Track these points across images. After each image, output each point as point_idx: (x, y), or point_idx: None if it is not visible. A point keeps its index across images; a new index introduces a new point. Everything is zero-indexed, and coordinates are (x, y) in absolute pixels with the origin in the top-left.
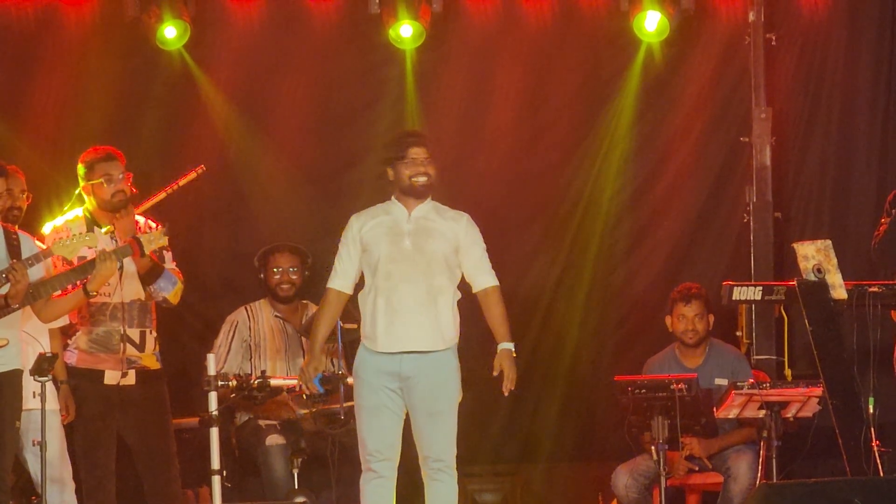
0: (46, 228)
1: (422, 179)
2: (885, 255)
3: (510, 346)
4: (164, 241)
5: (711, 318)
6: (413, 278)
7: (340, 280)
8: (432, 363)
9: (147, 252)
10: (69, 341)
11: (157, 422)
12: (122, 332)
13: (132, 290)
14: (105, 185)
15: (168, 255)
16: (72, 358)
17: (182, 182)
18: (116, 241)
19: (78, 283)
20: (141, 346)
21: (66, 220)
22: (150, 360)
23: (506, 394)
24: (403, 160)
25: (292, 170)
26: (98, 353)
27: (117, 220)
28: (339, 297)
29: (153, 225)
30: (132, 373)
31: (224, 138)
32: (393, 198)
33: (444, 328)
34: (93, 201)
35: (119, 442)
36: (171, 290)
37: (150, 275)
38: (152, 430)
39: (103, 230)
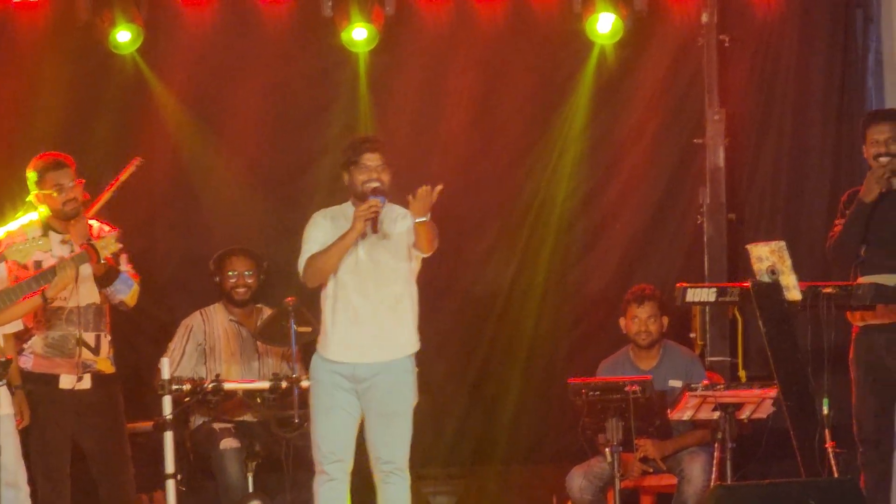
0: (0, 232)
1: (373, 185)
2: (839, 256)
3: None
4: (118, 246)
5: (665, 320)
6: (368, 290)
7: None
8: (388, 367)
9: (103, 257)
10: (24, 346)
11: (111, 426)
12: (77, 335)
13: (87, 293)
14: (56, 195)
15: (123, 258)
16: (27, 362)
17: (123, 177)
18: (72, 246)
19: (36, 290)
20: (96, 350)
21: (22, 225)
22: (105, 363)
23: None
24: (357, 165)
25: (246, 173)
26: (54, 357)
27: (72, 226)
28: None
29: (107, 229)
30: (87, 377)
31: (177, 142)
32: (350, 202)
33: (402, 337)
34: (45, 209)
35: (74, 446)
36: (127, 292)
37: (106, 278)
38: (107, 435)
39: (60, 236)
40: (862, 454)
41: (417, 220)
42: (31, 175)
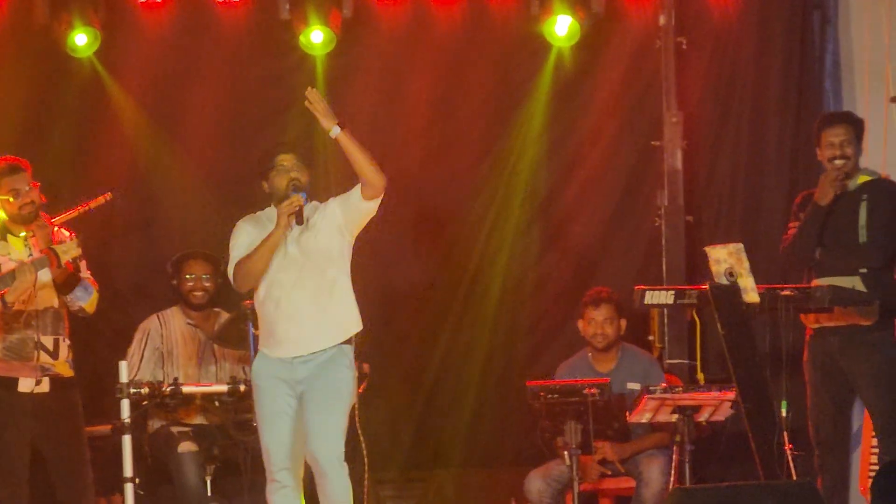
0: None
1: (294, 182)
2: (794, 259)
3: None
4: (79, 251)
5: (623, 323)
6: (302, 282)
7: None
8: (326, 362)
9: (63, 262)
10: None
11: (70, 429)
12: (35, 339)
13: (46, 298)
14: (12, 199)
15: (83, 264)
16: None
17: (92, 205)
18: (30, 250)
19: None
20: (55, 354)
21: None
22: (64, 367)
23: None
24: (274, 169)
25: (203, 176)
26: (12, 360)
27: (35, 230)
28: None
29: (66, 234)
30: (46, 380)
31: (134, 145)
32: (272, 207)
33: (343, 321)
34: (2, 213)
35: (32, 450)
36: (87, 299)
37: (66, 284)
38: (65, 439)
39: (22, 235)
40: (819, 457)
41: (331, 135)
42: None
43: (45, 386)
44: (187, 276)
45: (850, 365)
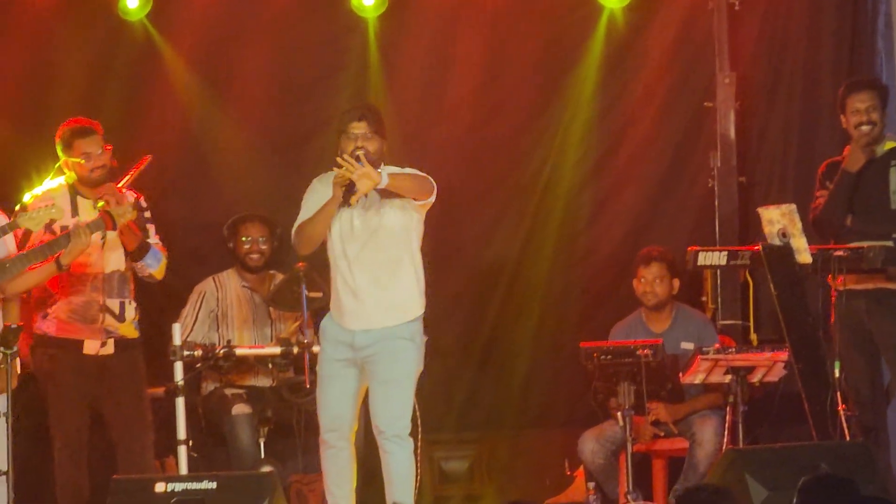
0: (27, 197)
1: (358, 153)
2: (824, 227)
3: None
4: (134, 214)
5: (676, 283)
6: (364, 258)
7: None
8: (391, 333)
9: (119, 224)
10: (49, 311)
11: (133, 392)
12: (101, 302)
13: (113, 260)
14: (83, 162)
15: (151, 229)
16: (50, 327)
17: (134, 174)
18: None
19: (50, 256)
20: (120, 317)
21: (48, 190)
22: (129, 329)
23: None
24: (345, 134)
25: (255, 139)
26: (77, 322)
27: (106, 195)
28: None
29: (132, 197)
30: (111, 342)
31: (186, 108)
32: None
33: (403, 303)
34: (73, 175)
35: (93, 412)
36: (156, 266)
37: (138, 251)
38: (127, 401)
39: (88, 202)
40: (859, 417)
41: (381, 186)
42: (59, 141)
43: (109, 348)
44: (243, 239)
45: (877, 327)
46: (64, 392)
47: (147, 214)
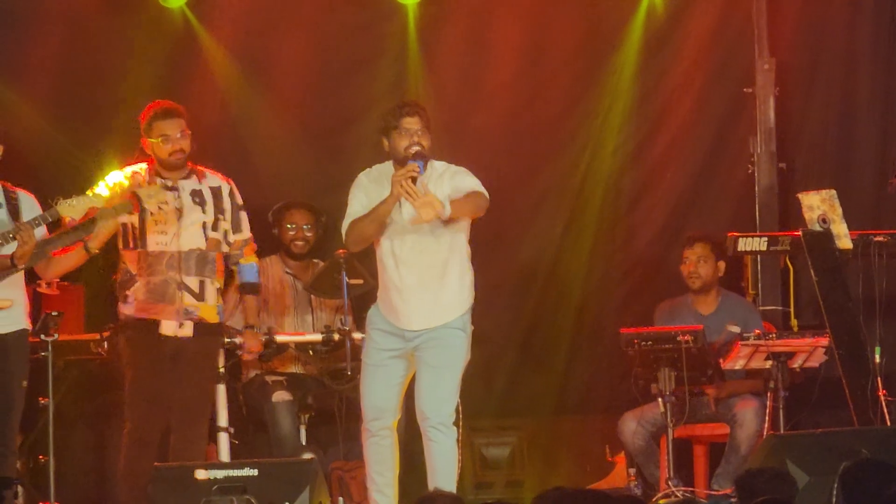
0: (115, 176)
1: (415, 149)
2: None
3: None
4: (163, 195)
5: (722, 265)
6: (412, 260)
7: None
8: (438, 326)
9: (148, 206)
10: (128, 292)
11: (201, 379)
12: (178, 280)
13: (190, 238)
14: (162, 145)
15: (244, 220)
16: (129, 308)
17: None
18: (177, 194)
19: (78, 242)
20: (200, 296)
21: (133, 170)
22: (210, 311)
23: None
24: (398, 130)
25: (294, 126)
26: (155, 302)
27: (150, 190)
28: None
29: (221, 181)
30: (189, 324)
31: (226, 95)
32: (391, 164)
33: (451, 302)
34: (154, 157)
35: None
36: (255, 277)
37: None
38: (195, 387)
39: (167, 182)
40: None
41: (444, 218)
42: (142, 122)
43: (187, 330)
44: (288, 226)
45: None
46: (139, 376)
47: (239, 201)
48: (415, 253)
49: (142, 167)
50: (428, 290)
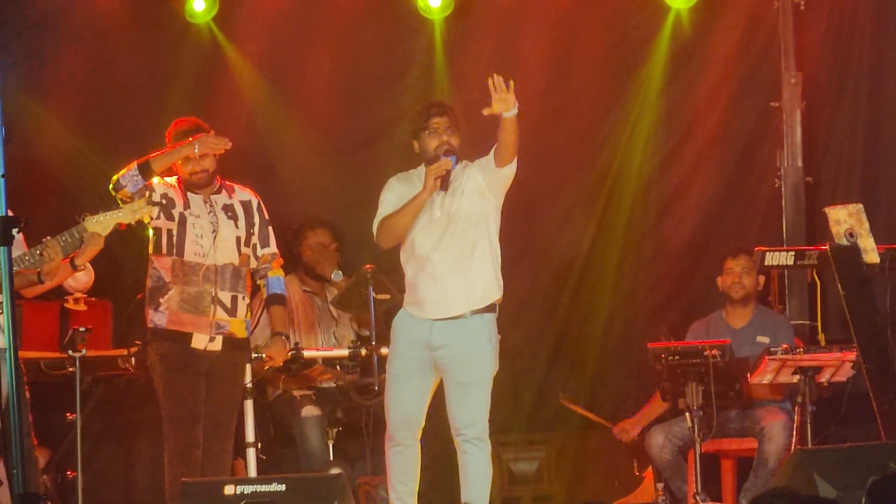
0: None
1: (445, 147)
2: None
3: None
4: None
5: (762, 279)
6: (444, 245)
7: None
8: (464, 331)
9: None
10: (161, 300)
11: (230, 395)
12: (213, 294)
13: (225, 253)
14: (183, 166)
15: (271, 234)
16: (162, 319)
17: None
18: (209, 208)
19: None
20: (232, 311)
21: (166, 182)
22: (239, 326)
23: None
24: (426, 130)
25: (321, 141)
26: (188, 313)
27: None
28: None
29: (251, 196)
30: (219, 339)
31: (252, 110)
32: (423, 167)
33: (483, 286)
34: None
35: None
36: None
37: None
38: (222, 404)
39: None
40: None
41: (507, 115)
42: (167, 140)
43: (217, 344)
44: (308, 246)
45: None
46: (178, 395)
47: (266, 216)
48: (447, 237)
49: (173, 180)
50: (460, 271)
